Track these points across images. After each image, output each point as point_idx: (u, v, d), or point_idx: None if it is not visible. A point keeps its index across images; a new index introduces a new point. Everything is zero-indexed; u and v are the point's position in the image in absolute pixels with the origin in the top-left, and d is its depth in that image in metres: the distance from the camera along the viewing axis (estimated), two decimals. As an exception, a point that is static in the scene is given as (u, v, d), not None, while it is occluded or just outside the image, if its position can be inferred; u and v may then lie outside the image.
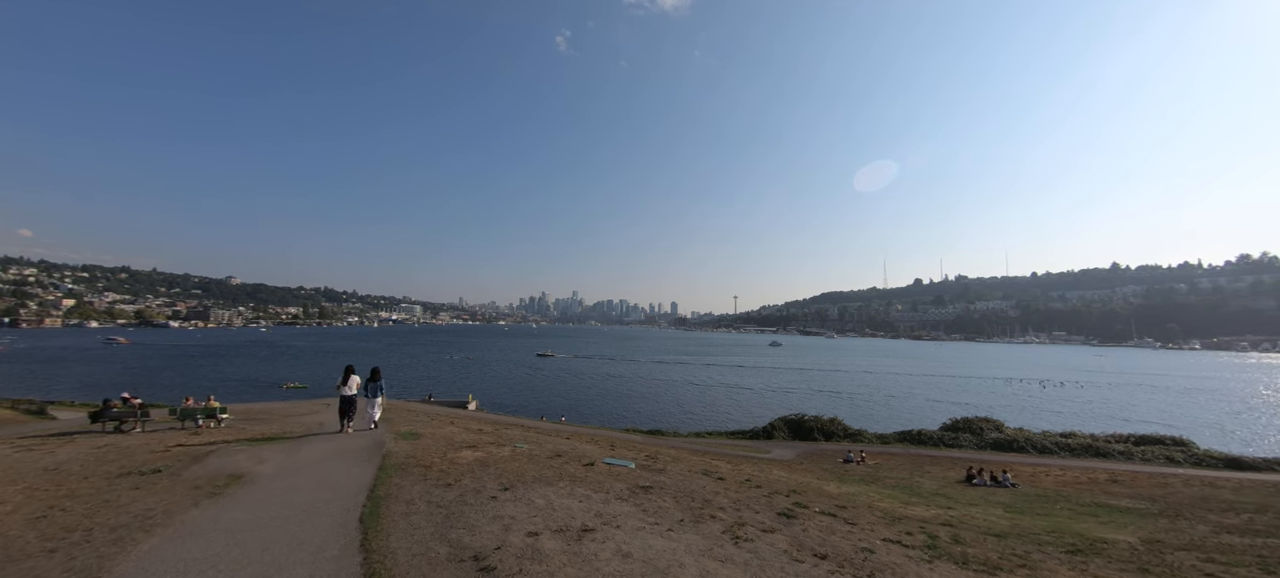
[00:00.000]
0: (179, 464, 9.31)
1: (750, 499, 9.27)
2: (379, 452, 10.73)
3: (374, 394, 14.00)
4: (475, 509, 6.92)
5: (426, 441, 12.47)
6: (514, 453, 11.50)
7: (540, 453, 11.93)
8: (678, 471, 11.93)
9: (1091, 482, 19.25)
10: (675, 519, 7.18)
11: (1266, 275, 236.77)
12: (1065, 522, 11.98)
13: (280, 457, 10.24)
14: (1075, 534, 10.04)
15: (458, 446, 12.06)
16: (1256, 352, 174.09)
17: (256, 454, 10.38)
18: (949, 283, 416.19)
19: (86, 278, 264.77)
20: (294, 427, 14.78)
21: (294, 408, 20.03)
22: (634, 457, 13.74)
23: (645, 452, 15.95)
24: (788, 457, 22.60)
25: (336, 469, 9.18)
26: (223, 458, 9.94)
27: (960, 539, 8.27)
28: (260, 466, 9.38)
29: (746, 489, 10.36)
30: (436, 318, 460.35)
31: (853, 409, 49.23)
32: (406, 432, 13.74)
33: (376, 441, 12.01)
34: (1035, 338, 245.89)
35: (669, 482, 10.04)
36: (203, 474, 8.58)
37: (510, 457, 10.97)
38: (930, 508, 11.74)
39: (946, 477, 19.44)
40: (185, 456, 10.14)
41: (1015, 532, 9.73)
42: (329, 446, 11.58)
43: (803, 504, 9.32)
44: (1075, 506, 14.73)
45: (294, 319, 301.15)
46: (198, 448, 10.94)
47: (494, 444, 12.66)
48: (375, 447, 11.30)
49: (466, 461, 10.22)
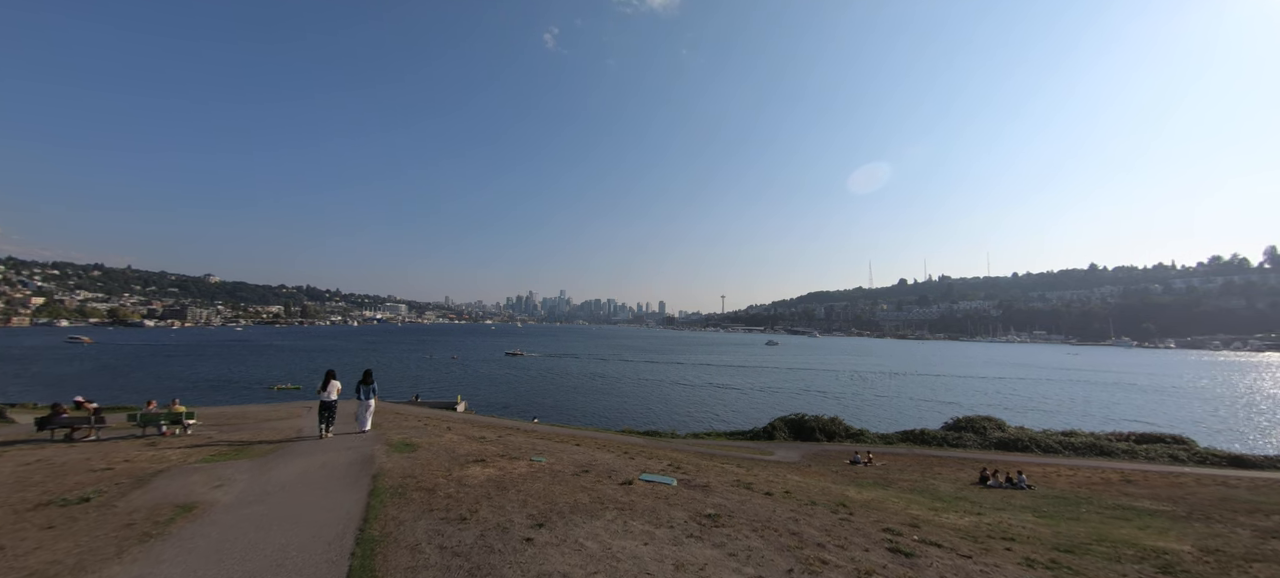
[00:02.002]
0: (116, 490, 7.76)
1: (835, 527, 7.65)
2: (369, 469, 9.10)
3: (366, 397, 13.39)
4: (507, 560, 5.17)
5: (425, 453, 10.90)
6: (532, 468, 10.00)
7: (562, 467, 10.40)
8: (722, 485, 10.38)
9: (1105, 482, 18.78)
10: (781, 570, 5.46)
11: (1236, 276, 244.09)
12: (1102, 527, 11.30)
13: (246, 477, 8.63)
14: (1123, 543, 9.33)
15: (463, 459, 10.45)
16: (1228, 350, 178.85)
17: (216, 474, 8.81)
18: (933, 283, 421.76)
19: (57, 276, 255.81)
20: (269, 434, 13.53)
21: (271, 412, 18.65)
22: (656, 465, 12.75)
23: (665, 459, 14.91)
24: (793, 459, 21.82)
25: (316, 495, 7.53)
26: (172, 480, 8.33)
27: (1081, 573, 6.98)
28: (218, 490, 7.75)
29: (805, 508, 8.78)
30: (422, 317, 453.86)
31: (846, 409, 48.72)
32: (400, 441, 12.18)
33: (365, 455, 10.34)
34: (1017, 337, 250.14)
35: (732, 506, 8.32)
36: (142, 505, 7.01)
37: (529, 474, 9.39)
38: (962, 515, 10.96)
39: (959, 478, 18.82)
40: (128, 476, 8.57)
41: (1063, 541, 8.97)
42: (307, 461, 9.89)
43: (893, 530, 7.79)
44: (1100, 508, 14.13)
45: (275, 318, 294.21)
46: (146, 465, 9.40)
47: (504, 456, 11.16)
48: (363, 463, 9.69)
49: (478, 480, 8.63)
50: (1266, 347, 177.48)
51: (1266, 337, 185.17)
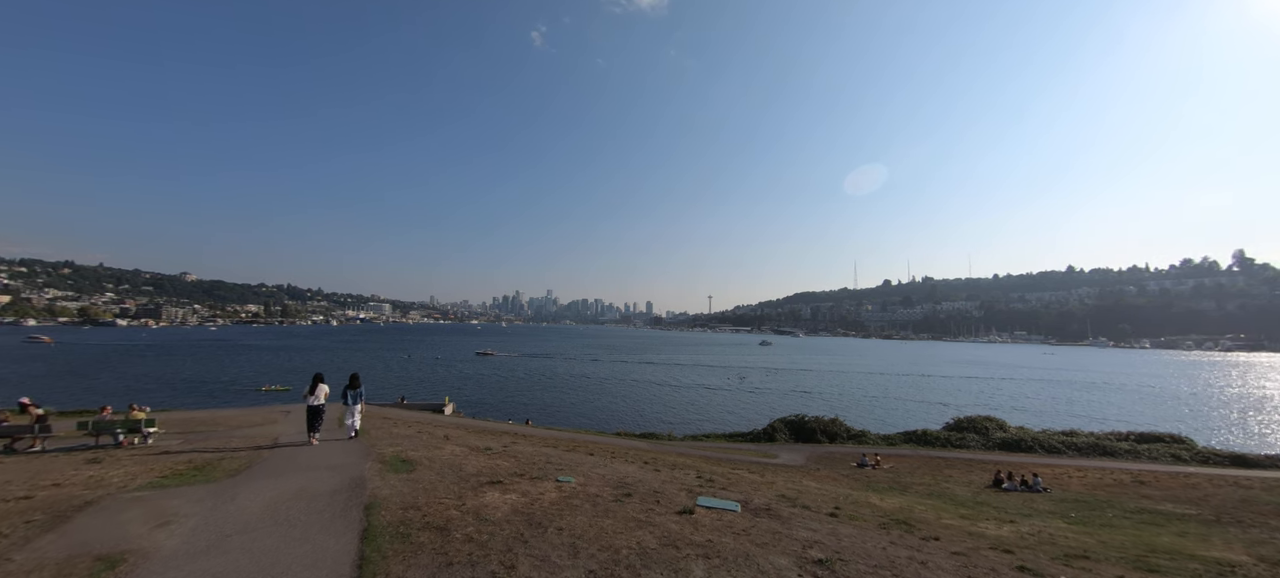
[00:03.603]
0: (27, 529, 6.10)
1: (967, 568, 6.14)
2: (359, 498, 7.35)
3: (353, 401, 12.90)
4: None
5: (425, 472, 9.21)
6: (562, 492, 8.21)
7: (597, 490, 8.53)
8: (784, 506, 8.64)
9: (1117, 484, 18.36)
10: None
11: (1207, 279, 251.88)
12: (1139, 534, 10.67)
13: (200, 512, 6.81)
14: (1178, 553, 8.66)
15: (474, 480, 8.66)
16: (1200, 350, 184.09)
17: (161, 506, 7.00)
18: (916, 284, 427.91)
19: (24, 273, 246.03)
20: (240, 442, 12.30)
21: (244, 417, 17.31)
22: (688, 477, 11.77)
23: (688, 467, 13.84)
24: (799, 462, 21.08)
25: (290, 540, 5.85)
26: (102, 516, 6.56)
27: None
28: (161, 532, 6.04)
29: (899, 536, 7.43)
30: (406, 317, 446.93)
31: (839, 408, 48.19)
32: (393, 456, 10.55)
33: (353, 477, 8.64)
34: (998, 337, 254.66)
35: (823, 539, 6.75)
36: (54, 556, 5.34)
37: (562, 501, 7.63)
38: (998, 523, 10.24)
39: (972, 481, 18.24)
40: (46, 509, 6.82)
41: (1117, 552, 8.26)
42: (281, 487, 8.06)
43: (1027, 568, 6.35)
44: (1126, 513, 13.58)
45: (254, 318, 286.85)
46: (76, 491, 7.68)
47: (521, 474, 9.38)
48: (352, 488, 7.90)
49: (501, 512, 6.90)
50: (1236, 347, 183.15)
51: (1236, 337, 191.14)
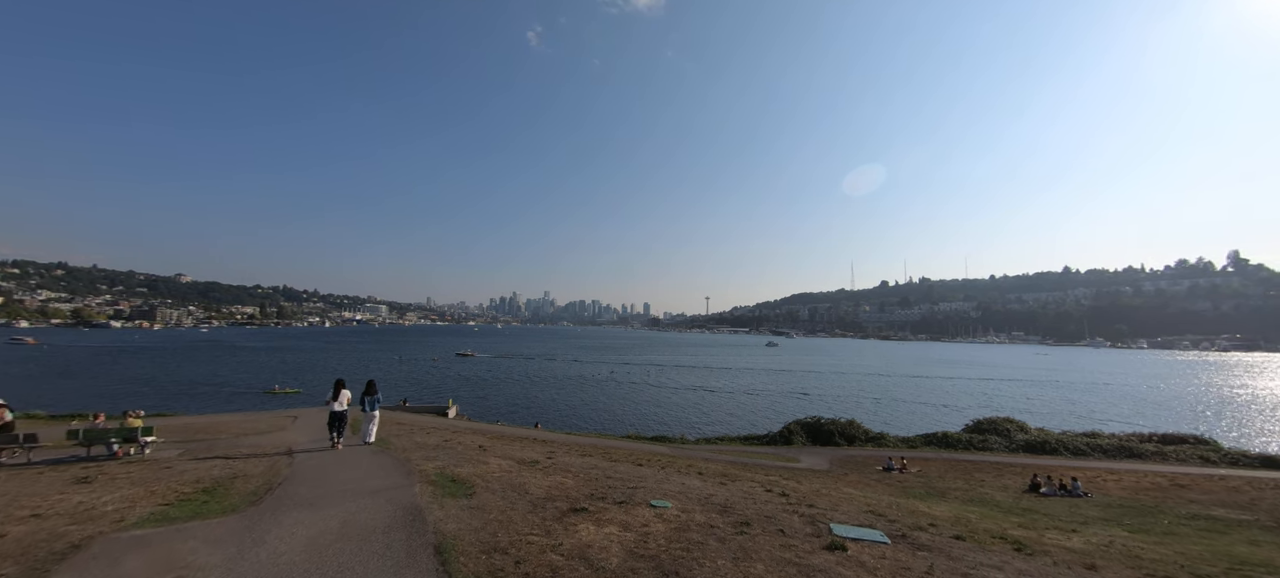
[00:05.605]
0: None
1: None
2: (422, 533, 5.86)
3: (371, 408, 12.79)
4: None
5: (488, 496, 7.69)
6: (669, 523, 6.71)
7: (705, 518, 7.08)
8: (924, 536, 7.21)
9: (1156, 487, 17.74)
10: None
11: (1202, 279, 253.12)
12: (1211, 543, 10.00)
13: (224, 558, 5.11)
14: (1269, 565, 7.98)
15: (549, 506, 7.26)
16: (1197, 350, 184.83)
17: (173, 551, 5.26)
18: (913, 285, 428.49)
19: (17, 274, 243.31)
20: (250, 451, 11.48)
21: (248, 422, 16.39)
22: (756, 487, 11.00)
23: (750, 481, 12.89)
24: (822, 466, 20.38)
25: None
26: (92, 568, 4.84)
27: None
28: None
29: (1069, 569, 6.33)
30: (403, 318, 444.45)
31: (849, 410, 47.65)
32: (439, 473, 9.06)
33: (406, 505, 7.09)
34: (996, 338, 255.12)
35: None
36: None
37: (672, 533, 6.23)
38: (1065, 534, 9.54)
39: (1007, 485, 17.58)
40: (23, 554, 5.07)
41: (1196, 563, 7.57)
42: (319, 519, 6.39)
43: None
44: (1182, 519, 12.93)
45: (250, 319, 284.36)
46: (60, 526, 5.96)
47: (598, 496, 8.04)
48: (408, 519, 6.41)
49: (613, 556, 5.38)
50: (1232, 347, 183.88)
51: (1232, 337, 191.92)
